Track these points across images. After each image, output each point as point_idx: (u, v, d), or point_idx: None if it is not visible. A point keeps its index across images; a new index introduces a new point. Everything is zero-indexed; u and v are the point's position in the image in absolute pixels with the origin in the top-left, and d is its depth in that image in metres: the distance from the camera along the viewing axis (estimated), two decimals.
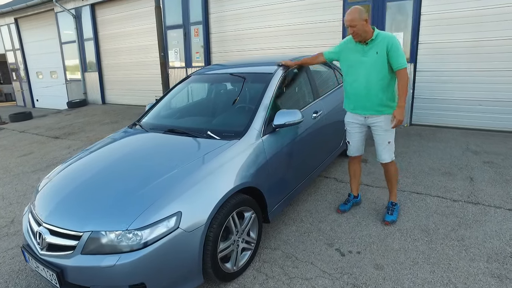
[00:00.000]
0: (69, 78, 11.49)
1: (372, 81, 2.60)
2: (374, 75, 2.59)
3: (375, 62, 2.56)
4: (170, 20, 8.35)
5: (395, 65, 2.53)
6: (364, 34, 2.54)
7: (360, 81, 2.66)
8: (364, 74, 2.62)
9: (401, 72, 2.53)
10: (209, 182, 2.03)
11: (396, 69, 2.55)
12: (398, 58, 2.51)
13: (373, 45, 2.56)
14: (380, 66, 2.56)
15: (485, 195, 3.19)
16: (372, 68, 2.58)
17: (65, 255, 1.80)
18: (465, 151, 4.40)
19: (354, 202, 3.09)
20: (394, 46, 2.50)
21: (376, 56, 2.55)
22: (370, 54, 2.57)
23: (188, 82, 3.43)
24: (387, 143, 2.72)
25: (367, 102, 2.68)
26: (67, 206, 1.96)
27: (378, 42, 2.55)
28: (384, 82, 2.59)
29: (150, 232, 1.75)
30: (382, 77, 2.58)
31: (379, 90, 2.61)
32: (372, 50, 2.57)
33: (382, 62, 2.55)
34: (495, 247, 2.43)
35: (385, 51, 2.52)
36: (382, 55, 2.53)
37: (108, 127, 7.39)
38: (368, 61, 2.59)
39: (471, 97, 5.34)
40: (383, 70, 2.57)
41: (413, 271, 2.24)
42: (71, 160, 2.60)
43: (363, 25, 2.51)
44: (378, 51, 2.54)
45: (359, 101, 2.72)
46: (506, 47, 4.96)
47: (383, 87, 2.60)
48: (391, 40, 2.51)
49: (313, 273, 2.28)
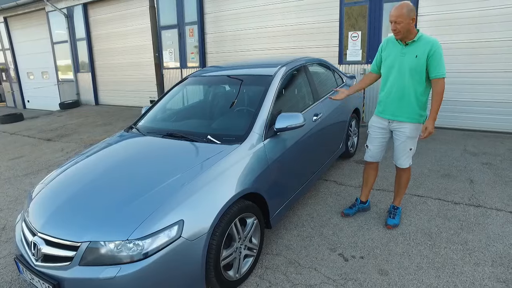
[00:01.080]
0: (61, 78, 11.31)
1: (406, 85, 2.49)
2: (410, 80, 2.47)
3: (413, 66, 2.43)
4: (165, 20, 8.25)
5: (433, 73, 2.38)
6: (407, 33, 2.41)
7: (393, 83, 2.54)
8: (400, 77, 2.50)
9: (438, 82, 2.38)
10: (211, 189, 1.97)
11: (433, 78, 2.40)
12: (437, 66, 2.36)
13: (414, 47, 2.43)
14: (417, 71, 2.43)
15: (486, 197, 3.19)
16: (408, 72, 2.45)
17: (62, 266, 1.72)
18: (464, 153, 4.41)
19: (361, 208, 3.02)
20: (436, 53, 2.34)
21: (415, 60, 2.42)
22: (409, 57, 2.44)
23: (185, 84, 3.36)
24: (409, 150, 2.64)
25: (397, 107, 2.56)
26: (64, 214, 1.88)
27: (419, 45, 2.41)
28: (419, 88, 2.47)
29: (152, 242, 1.68)
30: (417, 83, 2.46)
31: (413, 96, 2.49)
32: (411, 53, 2.44)
33: (421, 67, 2.41)
34: (499, 251, 2.42)
35: (425, 56, 2.38)
36: (421, 59, 2.39)
37: (102, 129, 7.27)
38: (405, 63, 2.46)
39: (469, 98, 5.36)
40: (419, 76, 2.44)
41: (418, 276, 2.21)
42: (66, 165, 2.52)
43: (409, 24, 2.36)
44: (418, 55, 2.40)
45: (389, 104, 2.60)
46: (505, 48, 4.98)
47: (417, 94, 2.49)
48: (435, 46, 2.35)
49: (317, 280, 2.23)
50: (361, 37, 5.94)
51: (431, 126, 2.42)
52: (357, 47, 6.01)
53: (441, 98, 2.41)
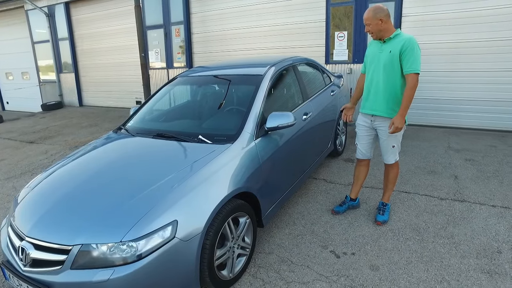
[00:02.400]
0: (43, 79, 11.01)
1: (381, 80, 2.58)
2: (384, 75, 2.56)
3: (386, 61, 2.53)
4: (150, 19, 8.15)
5: (406, 67, 2.44)
6: (380, 33, 2.52)
7: (372, 79, 2.65)
8: (376, 72, 2.61)
9: (410, 77, 2.43)
10: (204, 189, 1.97)
11: (406, 73, 2.45)
12: (409, 61, 2.41)
13: (390, 44, 2.52)
14: (391, 67, 2.51)
15: (470, 192, 3.29)
16: (383, 67, 2.55)
17: (53, 270, 1.69)
18: (448, 150, 4.53)
19: (351, 205, 3.07)
20: (409, 49, 2.41)
21: (388, 55, 2.51)
22: (384, 53, 2.55)
23: (175, 84, 3.33)
24: (391, 147, 2.70)
25: (374, 102, 2.66)
26: (54, 217, 1.84)
27: (395, 42, 2.50)
28: (392, 84, 2.54)
29: (146, 243, 1.67)
30: (391, 78, 2.54)
31: (386, 91, 2.58)
32: (387, 49, 2.54)
33: (394, 62, 2.49)
34: (483, 243, 2.50)
35: (398, 51, 2.46)
36: (395, 55, 2.48)
37: (87, 130, 7.12)
38: (381, 59, 2.56)
39: (451, 96, 5.51)
40: (393, 71, 2.52)
41: (408, 270, 2.27)
42: (54, 167, 2.46)
43: (378, 25, 2.48)
44: (392, 50, 2.50)
45: (368, 99, 2.71)
46: (485, 48, 5.15)
47: (391, 89, 2.56)
48: (408, 42, 2.42)
49: (310, 277, 2.25)
50: (347, 37, 6.02)
51: (398, 121, 2.45)
52: (343, 47, 6.09)
53: (411, 94, 2.43)
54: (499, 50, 5.08)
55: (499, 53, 5.09)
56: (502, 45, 5.04)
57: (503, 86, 5.15)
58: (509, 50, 5.02)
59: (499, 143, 4.71)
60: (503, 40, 5.02)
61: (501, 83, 5.16)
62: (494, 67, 5.15)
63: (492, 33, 5.06)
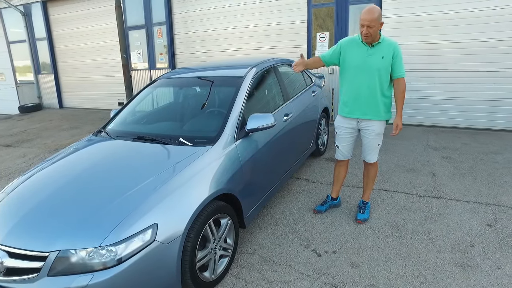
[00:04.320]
0: (20, 80, 10.69)
1: (373, 85, 2.61)
2: (377, 80, 2.59)
3: (380, 67, 2.56)
4: (132, 20, 8.04)
5: (397, 72, 2.57)
6: (376, 36, 2.54)
7: (361, 84, 2.63)
8: (368, 77, 2.60)
9: (401, 81, 2.60)
10: (185, 191, 1.97)
11: (396, 77, 2.59)
12: (400, 66, 2.57)
13: (379, 49, 2.55)
14: (384, 72, 2.58)
15: (446, 189, 3.40)
16: (377, 72, 2.57)
17: (28, 279, 1.65)
18: (426, 148, 4.66)
19: (332, 204, 3.12)
20: (399, 54, 2.55)
21: (381, 61, 2.55)
22: (376, 58, 2.56)
23: (155, 86, 3.31)
24: (377, 146, 2.79)
25: (367, 106, 2.67)
26: (29, 224, 1.80)
27: (383, 46, 2.55)
28: (385, 88, 2.63)
29: (125, 247, 1.66)
30: (384, 83, 2.61)
31: (380, 95, 2.63)
32: (377, 54, 2.55)
33: (387, 67, 2.57)
34: (457, 238, 2.59)
35: (390, 57, 2.54)
36: (387, 60, 2.54)
37: (68, 133, 6.96)
38: (373, 64, 2.57)
39: (430, 96, 5.67)
40: (386, 76, 2.59)
41: (387, 266, 2.33)
42: (31, 172, 2.40)
43: (379, 28, 2.49)
44: (384, 56, 2.54)
45: (358, 104, 2.69)
46: (460, 49, 5.33)
47: (384, 92, 2.64)
48: (397, 48, 2.56)
49: (291, 276, 2.29)
50: (328, 38, 6.11)
51: (401, 123, 2.65)
52: (325, 47, 6.17)
53: (404, 96, 2.65)
54: (474, 51, 5.26)
55: (474, 54, 5.27)
56: (478, 47, 5.23)
57: (478, 86, 5.35)
58: (484, 52, 5.21)
59: (473, 141, 4.88)
60: (478, 42, 5.21)
61: (476, 83, 5.35)
62: (470, 67, 5.34)
63: (468, 35, 5.24)
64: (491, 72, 5.23)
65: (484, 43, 5.18)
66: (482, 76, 5.30)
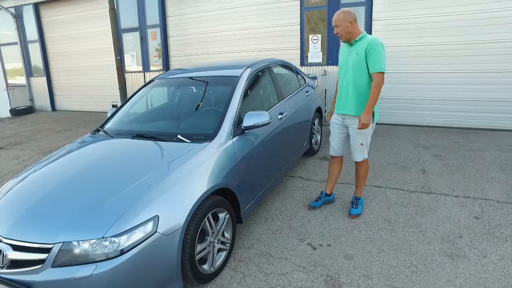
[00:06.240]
0: (11, 83, 10.60)
1: (350, 81, 2.72)
2: (353, 76, 2.70)
3: (354, 63, 2.67)
4: (126, 22, 8.07)
5: (371, 67, 2.59)
6: (348, 35, 2.66)
7: (342, 80, 2.80)
8: (346, 74, 2.75)
9: (375, 76, 2.59)
10: (184, 185, 2.03)
11: (371, 72, 2.61)
12: (373, 61, 2.57)
13: (356, 46, 2.67)
14: (358, 68, 2.66)
15: (436, 185, 3.51)
16: (352, 68, 2.69)
17: (33, 270, 1.69)
18: (417, 146, 4.79)
19: (326, 200, 3.20)
20: (373, 49, 2.56)
21: (356, 57, 2.66)
22: (352, 55, 2.69)
23: (153, 86, 3.36)
24: (360, 145, 2.84)
25: (345, 102, 2.80)
26: (33, 217, 1.84)
27: (361, 43, 2.65)
28: (361, 84, 2.69)
29: (128, 238, 1.71)
30: (359, 79, 2.69)
31: (355, 91, 2.72)
32: (354, 51, 2.68)
33: (361, 63, 2.64)
34: (446, 230, 2.70)
35: (364, 52, 2.61)
36: (361, 56, 2.63)
37: (61, 135, 6.94)
38: (350, 61, 2.70)
39: (421, 96, 5.82)
40: (360, 72, 2.67)
41: (380, 258, 2.41)
42: (31, 169, 2.44)
43: (347, 27, 2.62)
44: (358, 52, 2.64)
45: (340, 100, 2.85)
46: (447, 51, 5.49)
47: (360, 89, 2.71)
48: (373, 43, 2.57)
49: (288, 268, 2.35)
50: (321, 40, 6.23)
51: (364, 118, 2.63)
52: (317, 50, 6.29)
53: (377, 92, 2.60)
54: (462, 53, 5.43)
55: (462, 56, 5.44)
56: (465, 48, 5.40)
57: (466, 86, 5.51)
58: (471, 53, 5.38)
59: (462, 139, 5.03)
60: (465, 44, 5.38)
61: (464, 84, 5.52)
62: (458, 69, 5.50)
63: (456, 37, 5.41)
64: (479, 73, 5.41)
65: (471, 45, 5.35)
66: (470, 77, 5.46)
